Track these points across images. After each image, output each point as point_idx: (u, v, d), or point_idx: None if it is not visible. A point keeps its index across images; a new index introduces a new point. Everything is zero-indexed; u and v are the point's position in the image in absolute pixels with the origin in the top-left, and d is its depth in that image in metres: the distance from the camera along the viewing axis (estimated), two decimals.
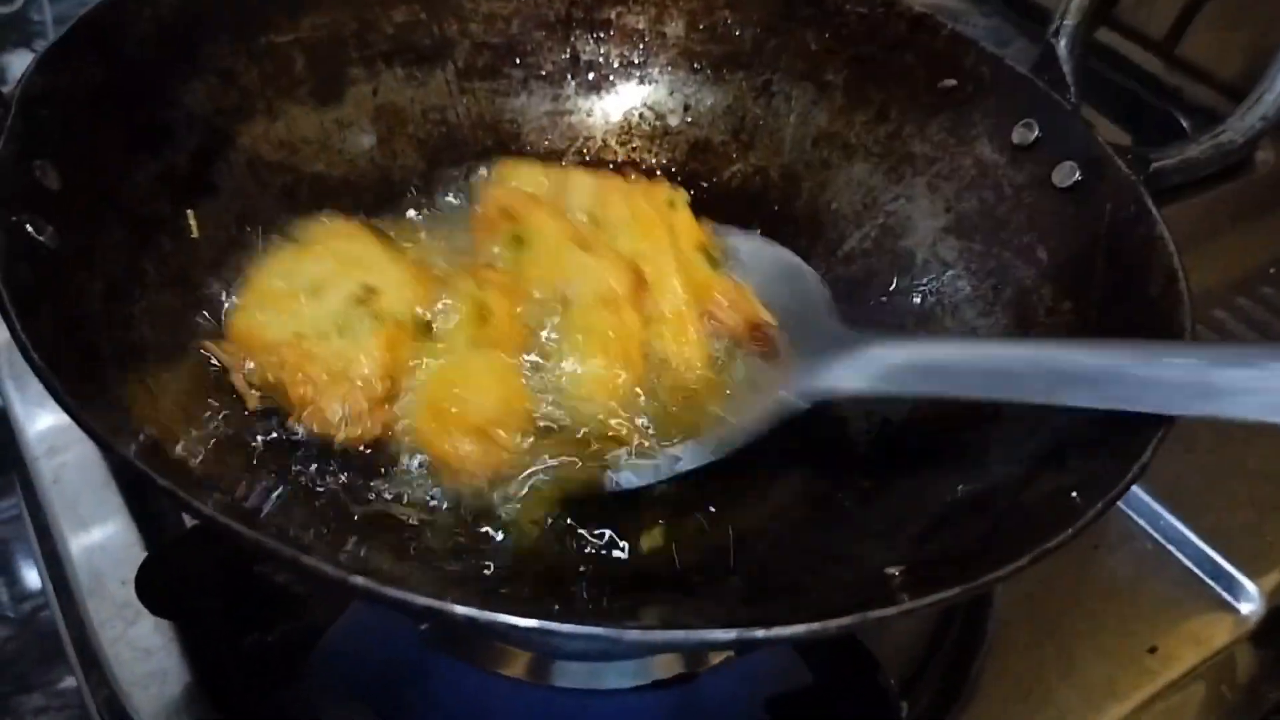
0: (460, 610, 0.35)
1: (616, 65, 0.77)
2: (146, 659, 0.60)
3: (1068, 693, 0.64)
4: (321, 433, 0.55)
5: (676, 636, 0.36)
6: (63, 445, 0.72)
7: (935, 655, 0.64)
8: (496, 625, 0.35)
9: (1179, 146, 0.96)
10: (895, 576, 0.46)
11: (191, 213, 0.59)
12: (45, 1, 1.03)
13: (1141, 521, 0.74)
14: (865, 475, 0.59)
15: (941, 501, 0.53)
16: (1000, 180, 0.66)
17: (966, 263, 0.66)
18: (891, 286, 0.69)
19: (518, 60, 0.75)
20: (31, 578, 0.93)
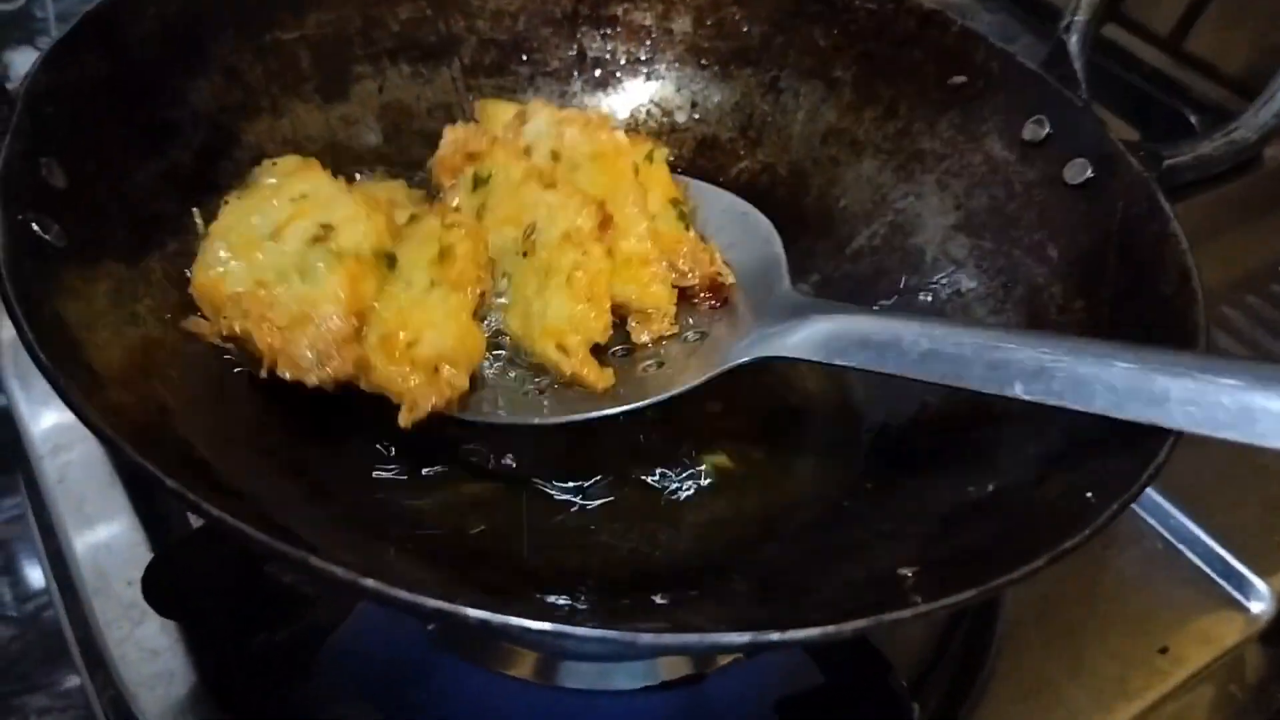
0: (473, 614, 0.35)
1: (623, 62, 0.77)
2: (153, 660, 0.60)
3: (1078, 693, 0.64)
4: (294, 377, 0.53)
5: (690, 640, 0.36)
6: (67, 444, 0.72)
7: (945, 655, 0.64)
8: (510, 628, 0.35)
9: (1192, 143, 0.95)
10: (908, 577, 0.45)
11: (197, 211, 0.59)
12: None
13: (1152, 521, 0.73)
14: (875, 475, 0.59)
15: (952, 501, 0.52)
16: (1011, 177, 0.65)
17: (977, 260, 0.66)
18: (901, 284, 0.68)
19: (524, 57, 0.75)
20: (36, 577, 0.93)
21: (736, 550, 0.56)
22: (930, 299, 0.67)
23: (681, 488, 0.60)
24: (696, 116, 0.77)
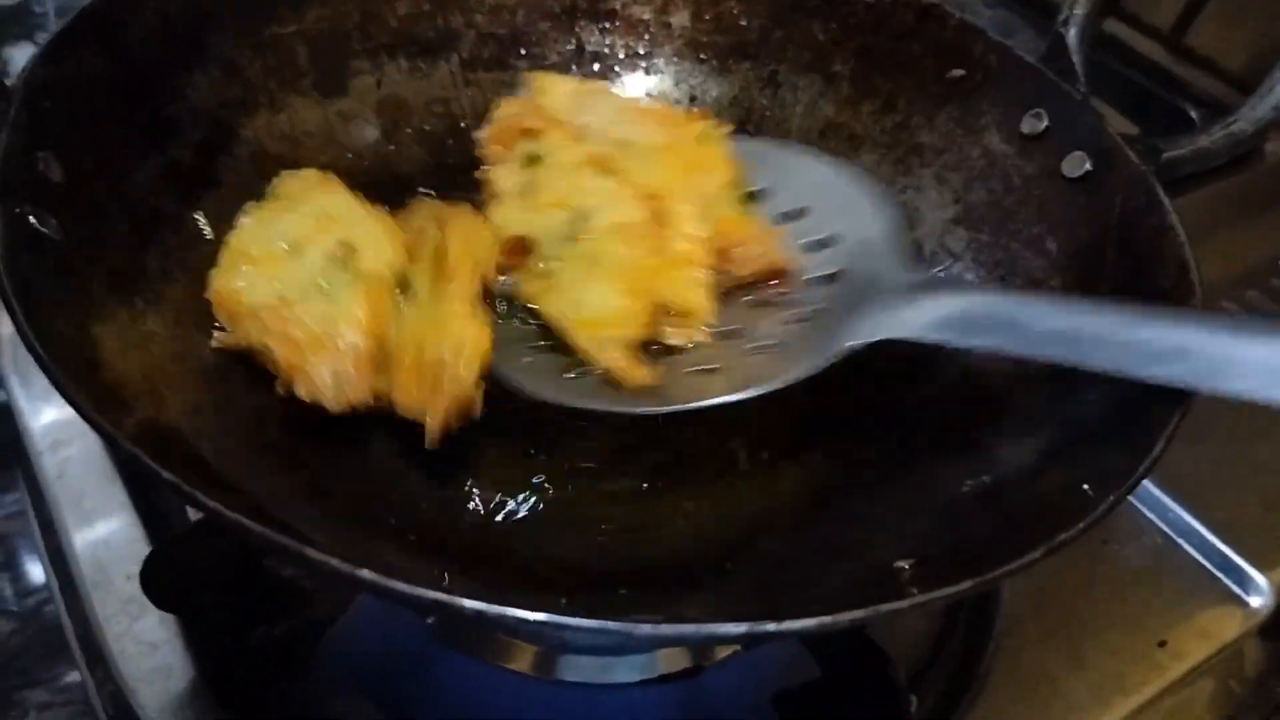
0: (469, 604, 0.35)
1: (622, 56, 0.77)
2: (151, 654, 0.60)
3: (1076, 687, 0.64)
4: (312, 399, 0.53)
5: (687, 630, 0.36)
6: (67, 439, 0.72)
7: (943, 649, 0.64)
8: (506, 619, 0.35)
9: (1190, 137, 0.95)
10: (905, 570, 0.46)
11: (201, 215, 0.59)
12: None
13: (1151, 515, 0.73)
14: (873, 468, 0.59)
15: (951, 495, 0.52)
16: (1009, 171, 0.65)
17: (975, 254, 0.66)
18: None
19: (522, 51, 0.75)
20: (36, 572, 0.93)
21: (734, 542, 0.56)
22: None
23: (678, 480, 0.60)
24: (695, 110, 0.77)
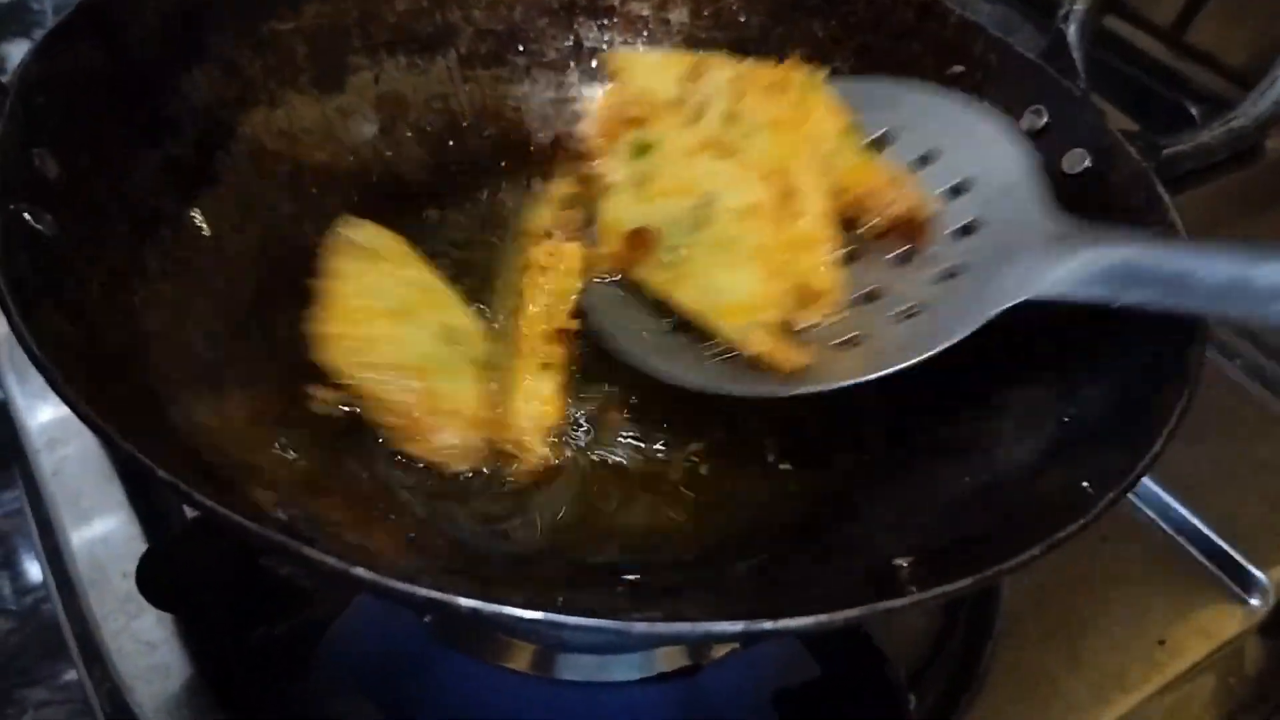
0: (464, 602, 0.35)
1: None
2: (149, 653, 0.60)
3: (1076, 685, 0.64)
4: (428, 458, 0.56)
5: (683, 629, 0.36)
6: (64, 438, 0.72)
7: (943, 648, 0.64)
8: (502, 617, 0.35)
9: (1190, 133, 0.95)
10: (904, 568, 0.45)
11: (199, 212, 0.59)
12: None
13: (1151, 513, 0.73)
14: (873, 466, 0.59)
15: (950, 493, 0.52)
16: None
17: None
18: None
19: (520, 47, 0.75)
20: (34, 571, 0.93)
21: (732, 540, 0.55)
22: None
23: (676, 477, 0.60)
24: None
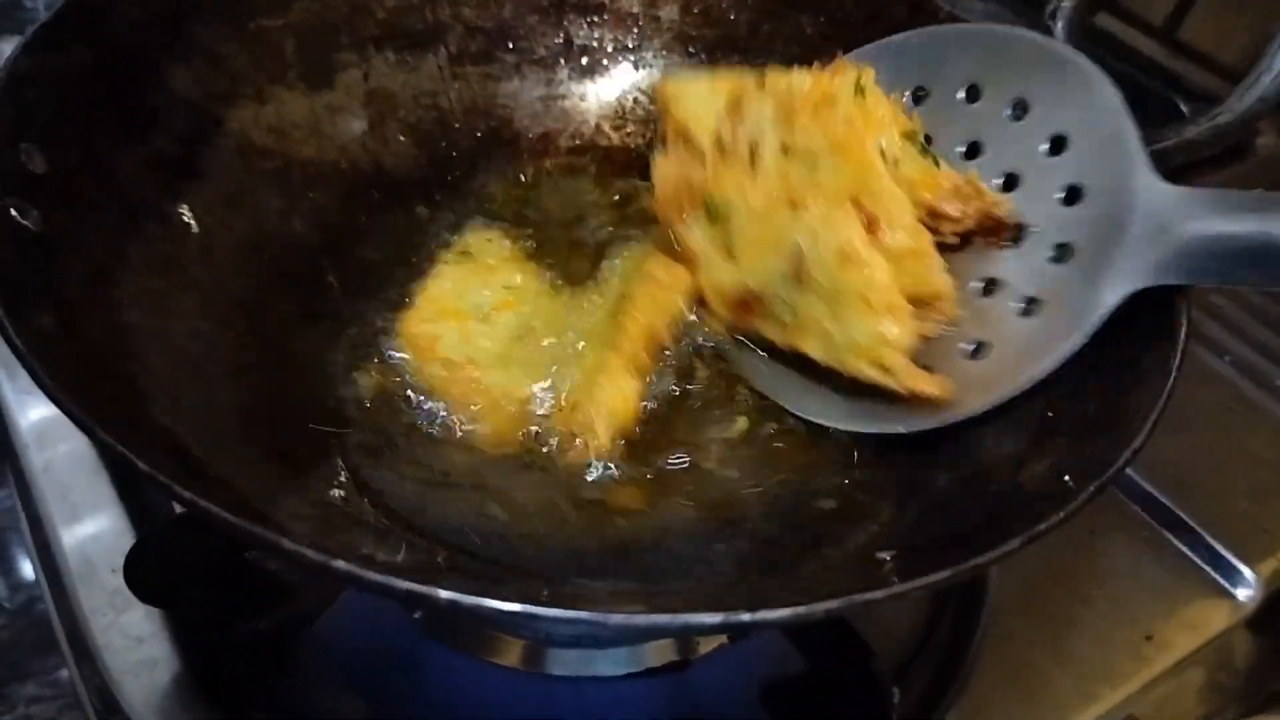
0: (443, 595, 0.35)
1: (610, 49, 0.77)
2: (137, 647, 0.60)
3: (1063, 680, 0.64)
4: (482, 445, 0.58)
5: (661, 620, 0.36)
6: (54, 435, 0.72)
7: (929, 642, 0.64)
8: (481, 609, 0.35)
9: (1177, 128, 0.95)
10: (886, 561, 0.46)
11: (186, 207, 0.59)
12: None
13: (1138, 508, 0.73)
14: (856, 460, 0.59)
15: (934, 486, 0.52)
16: None
17: None
18: None
19: (510, 45, 0.75)
20: (26, 568, 0.93)
21: (716, 534, 0.56)
22: None
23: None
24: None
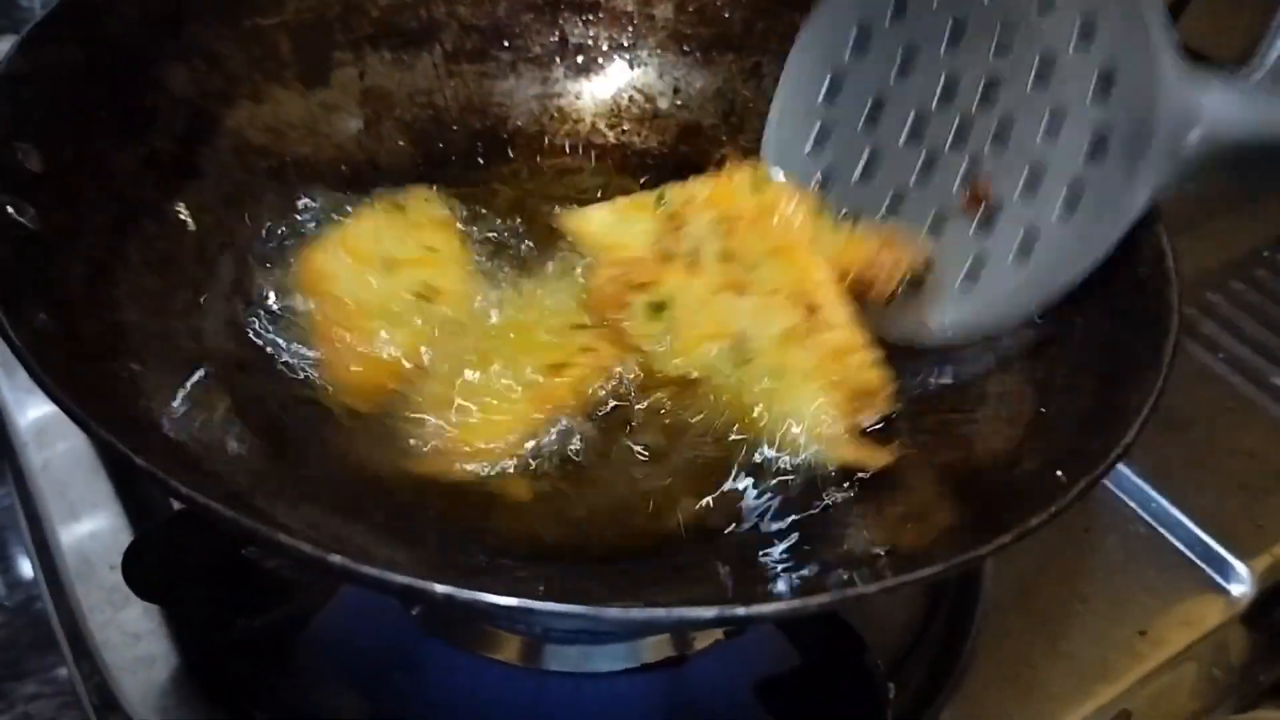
0: (440, 589, 0.35)
1: (605, 48, 0.77)
2: (135, 644, 0.60)
3: (1057, 675, 0.64)
4: (324, 381, 0.57)
5: (657, 614, 0.36)
6: (53, 433, 0.72)
7: (925, 637, 0.64)
8: (478, 604, 0.35)
9: None
10: (880, 556, 0.46)
11: (183, 205, 0.59)
12: None
13: (1132, 504, 0.74)
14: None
15: (927, 480, 0.53)
16: None
17: None
18: None
19: (505, 43, 0.75)
20: (24, 566, 0.93)
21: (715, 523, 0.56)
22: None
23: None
24: (679, 103, 0.77)
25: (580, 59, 0.77)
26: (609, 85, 0.77)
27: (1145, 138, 0.51)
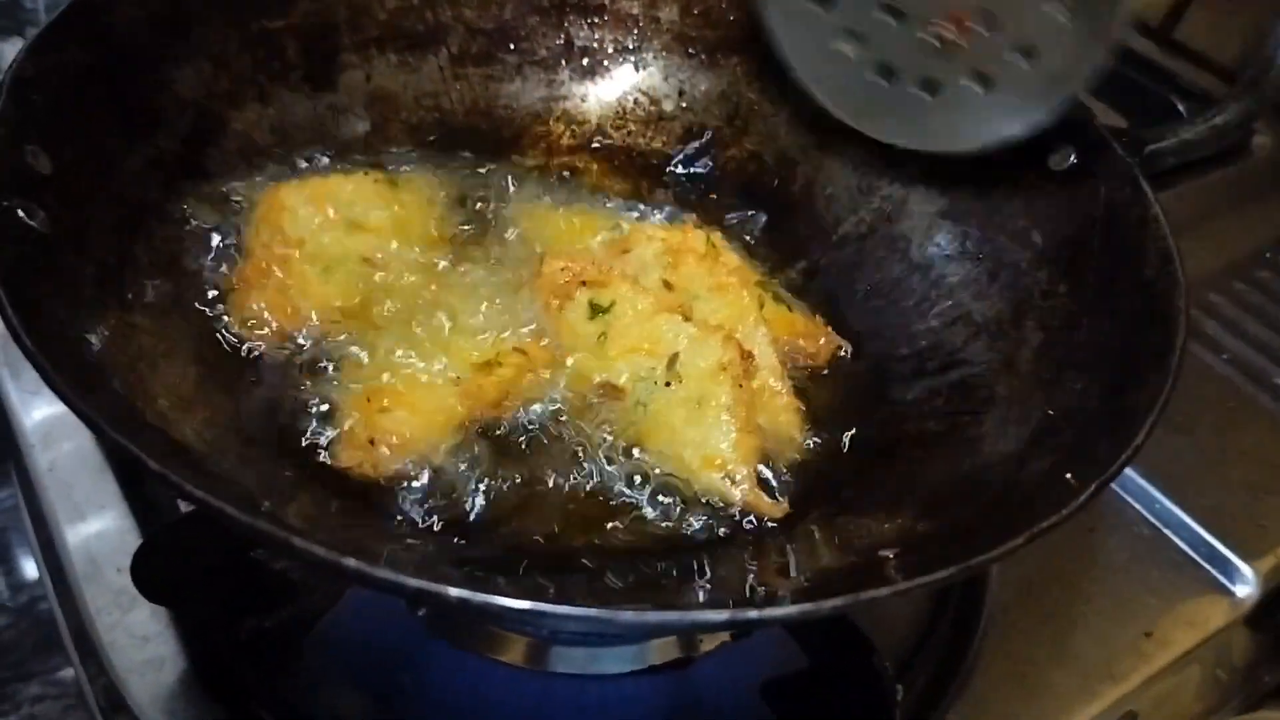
0: (453, 593, 0.35)
1: (611, 50, 0.77)
2: (143, 646, 0.60)
3: (1063, 676, 0.64)
4: (228, 307, 0.58)
5: (670, 617, 0.36)
6: (58, 434, 0.72)
7: (931, 639, 0.64)
8: (490, 607, 0.35)
9: (1174, 129, 0.96)
10: (890, 559, 0.46)
11: (190, 206, 0.59)
12: None
13: (1137, 506, 0.74)
14: (860, 457, 0.59)
15: (935, 484, 0.53)
16: (996, 164, 0.65)
17: (961, 247, 0.66)
18: (887, 271, 0.68)
19: (511, 46, 0.75)
20: (29, 567, 0.93)
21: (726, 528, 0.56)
22: (915, 283, 0.67)
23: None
24: (684, 105, 0.77)
25: (586, 61, 0.77)
26: (614, 88, 0.77)
27: None
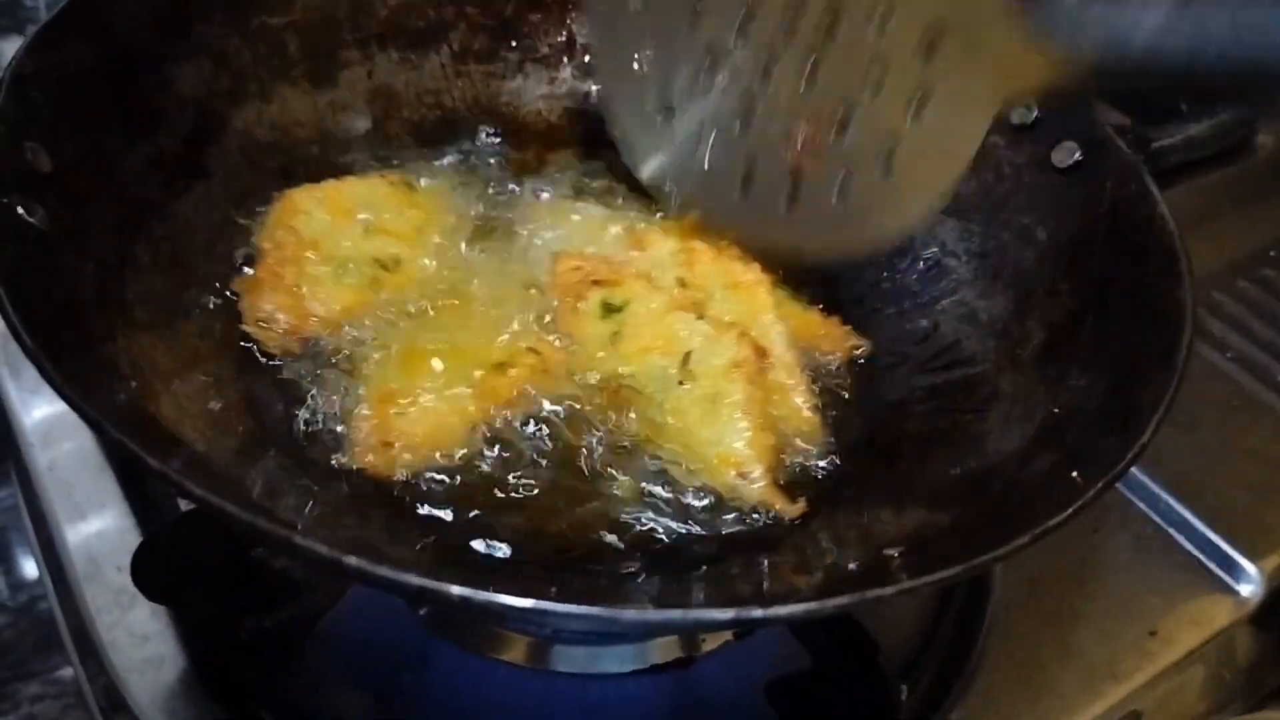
0: (455, 591, 0.35)
1: None
2: (143, 645, 0.60)
3: (1068, 676, 0.64)
4: (241, 309, 0.58)
5: (673, 616, 0.36)
6: (58, 433, 0.72)
7: (935, 638, 0.64)
8: (493, 605, 0.35)
9: (1179, 126, 0.95)
10: (895, 557, 0.46)
11: (190, 205, 0.59)
12: None
13: (1142, 504, 0.73)
14: (864, 457, 0.59)
15: (940, 482, 0.53)
16: (999, 161, 0.65)
17: (965, 244, 0.66)
18: (889, 268, 0.68)
19: (513, 42, 0.75)
20: (29, 566, 0.93)
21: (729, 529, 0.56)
22: (918, 281, 0.67)
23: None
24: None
25: (588, 58, 0.76)
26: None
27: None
